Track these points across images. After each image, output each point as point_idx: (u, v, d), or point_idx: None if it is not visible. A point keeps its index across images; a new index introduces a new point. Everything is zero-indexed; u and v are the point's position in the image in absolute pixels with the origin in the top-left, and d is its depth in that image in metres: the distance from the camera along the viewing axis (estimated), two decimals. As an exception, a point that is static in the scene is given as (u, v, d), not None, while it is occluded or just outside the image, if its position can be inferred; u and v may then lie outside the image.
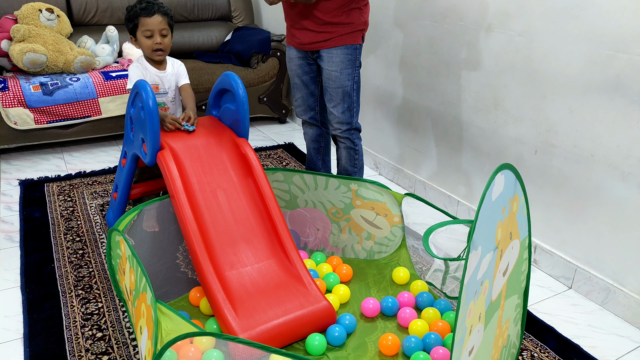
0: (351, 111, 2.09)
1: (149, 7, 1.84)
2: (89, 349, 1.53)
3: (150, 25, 1.83)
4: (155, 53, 1.87)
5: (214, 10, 3.81)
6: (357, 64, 2.05)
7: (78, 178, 2.66)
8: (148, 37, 1.84)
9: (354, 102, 2.08)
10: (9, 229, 2.18)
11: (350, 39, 2.00)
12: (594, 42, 1.72)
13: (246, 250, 1.62)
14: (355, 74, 2.05)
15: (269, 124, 3.71)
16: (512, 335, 1.36)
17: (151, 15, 1.82)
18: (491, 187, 1.02)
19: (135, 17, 1.83)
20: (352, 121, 2.11)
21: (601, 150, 1.76)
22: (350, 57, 2.02)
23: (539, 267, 2.04)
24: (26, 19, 2.91)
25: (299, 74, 2.17)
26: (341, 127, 2.12)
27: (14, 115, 2.75)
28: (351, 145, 2.16)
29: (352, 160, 2.19)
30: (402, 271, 1.85)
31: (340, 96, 2.06)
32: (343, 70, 2.02)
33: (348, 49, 2.01)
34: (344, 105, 2.07)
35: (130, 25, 1.86)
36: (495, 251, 1.09)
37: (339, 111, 2.08)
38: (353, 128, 2.13)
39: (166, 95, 1.97)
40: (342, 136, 2.14)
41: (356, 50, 2.03)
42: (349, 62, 2.02)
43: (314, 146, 2.35)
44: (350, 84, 2.05)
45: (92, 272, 1.89)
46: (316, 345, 1.49)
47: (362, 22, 2.01)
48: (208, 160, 1.73)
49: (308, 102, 2.23)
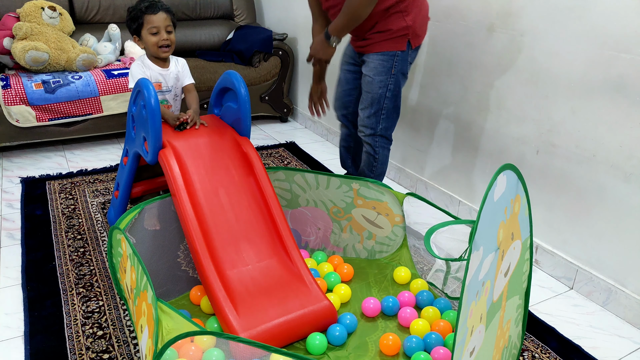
0: (377, 117, 2.03)
1: (153, 5, 1.85)
2: (90, 347, 1.53)
3: (156, 22, 1.84)
4: (161, 50, 1.88)
5: (216, 9, 3.80)
6: (393, 72, 1.96)
7: (79, 176, 2.66)
8: (154, 35, 1.86)
9: (382, 108, 2.02)
10: (10, 227, 2.18)
11: (388, 45, 1.93)
12: (596, 42, 1.72)
13: (247, 249, 1.62)
14: (390, 81, 1.97)
15: (270, 123, 3.71)
16: (513, 336, 1.36)
17: (156, 13, 1.84)
18: (493, 188, 1.02)
19: (139, 15, 1.84)
20: (377, 127, 2.05)
21: (603, 151, 1.75)
22: (385, 64, 1.95)
23: (540, 268, 2.04)
24: (28, 16, 2.91)
25: (344, 70, 2.18)
26: (364, 131, 2.08)
27: (15, 113, 2.75)
28: (371, 151, 2.11)
29: (370, 166, 2.15)
30: (403, 271, 1.85)
31: (369, 101, 2.01)
32: (375, 76, 1.97)
33: (384, 56, 1.94)
34: (371, 110, 2.02)
35: (134, 25, 1.87)
36: (496, 252, 1.08)
37: (364, 114, 2.05)
38: (377, 134, 2.07)
39: (169, 93, 1.97)
40: (364, 140, 2.11)
41: (394, 57, 1.94)
42: (383, 69, 1.95)
43: (343, 144, 2.35)
44: (382, 92, 1.98)
45: (93, 270, 1.89)
46: (317, 344, 1.49)
47: (402, 27, 1.90)
48: (210, 158, 1.73)
49: (343, 100, 2.22)
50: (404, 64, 1.98)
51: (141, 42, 1.90)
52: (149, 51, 1.92)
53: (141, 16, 1.84)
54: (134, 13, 1.86)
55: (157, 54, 1.90)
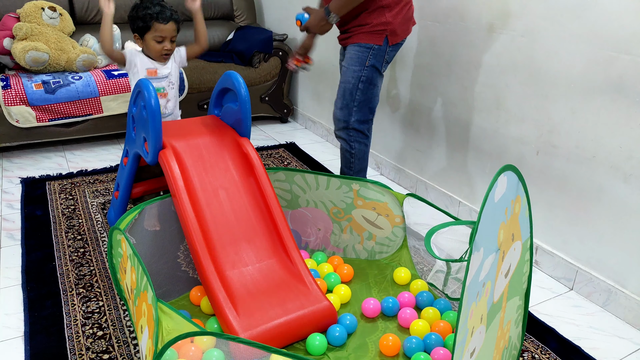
0: (349, 109, 2.06)
1: (164, 12, 1.84)
2: (90, 348, 1.53)
3: (164, 32, 1.86)
4: (162, 57, 1.91)
5: (216, 10, 3.80)
6: (367, 64, 2.00)
7: (79, 176, 2.66)
8: (158, 42, 1.87)
9: (354, 100, 2.05)
10: (11, 227, 2.18)
11: (365, 38, 1.98)
12: (596, 42, 1.72)
13: (247, 250, 1.62)
14: (363, 73, 2.01)
15: (270, 124, 3.71)
16: (513, 337, 1.36)
17: (167, 22, 1.85)
18: (494, 189, 1.02)
19: (149, 20, 1.84)
20: (349, 120, 2.07)
21: (603, 151, 1.75)
22: (360, 55, 2.00)
23: (540, 268, 2.04)
24: (29, 17, 2.91)
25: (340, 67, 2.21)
26: (337, 124, 2.11)
27: (16, 113, 2.75)
28: (346, 147, 2.12)
29: (347, 162, 2.16)
30: (403, 272, 1.85)
31: (342, 92, 2.05)
32: (350, 66, 2.02)
33: (360, 47, 1.99)
34: (343, 101, 2.06)
35: (139, 24, 1.86)
36: (497, 253, 1.09)
37: (337, 106, 2.09)
38: (351, 128, 2.09)
39: (165, 79, 1.96)
40: (337, 134, 2.13)
41: (370, 50, 1.99)
42: (357, 59, 2.00)
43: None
44: (355, 82, 2.02)
45: (93, 271, 1.89)
46: (317, 345, 1.49)
47: (382, 23, 1.95)
48: (210, 159, 1.73)
49: None
50: (379, 59, 2.01)
51: (141, 41, 1.90)
52: (147, 53, 1.92)
53: (150, 21, 1.84)
54: (142, 14, 1.85)
55: (157, 59, 1.92)
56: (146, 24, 1.84)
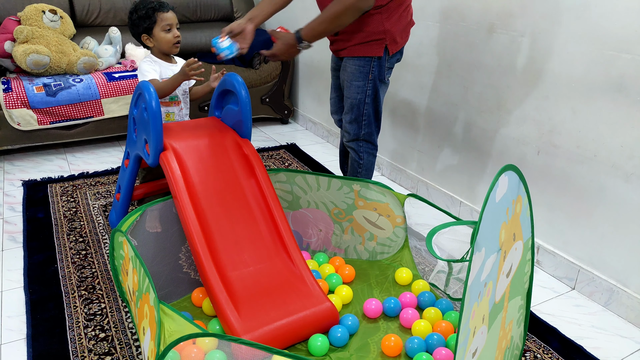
0: (359, 123, 2.00)
1: (163, 3, 1.95)
2: (92, 350, 1.53)
3: (169, 20, 1.94)
4: (175, 46, 1.97)
5: (217, 11, 3.81)
6: (370, 77, 1.89)
7: (81, 179, 2.67)
8: (168, 31, 1.94)
9: (362, 114, 1.97)
10: (12, 230, 2.18)
11: (364, 50, 1.86)
12: (597, 42, 1.72)
13: (249, 251, 1.62)
14: (368, 87, 1.90)
15: (271, 125, 3.71)
16: (515, 337, 1.36)
17: (168, 11, 1.94)
18: (495, 189, 1.02)
19: (151, 14, 1.91)
20: (359, 133, 2.02)
21: (604, 151, 1.75)
22: (362, 69, 1.89)
23: (541, 268, 2.04)
24: (29, 20, 2.92)
25: (333, 76, 2.13)
26: (347, 136, 2.06)
27: (17, 116, 2.75)
28: (355, 157, 2.08)
29: (354, 172, 2.12)
30: (404, 272, 1.85)
31: (349, 106, 1.98)
32: (353, 82, 1.92)
33: (361, 60, 1.87)
34: (352, 115, 1.99)
35: (145, 24, 1.93)
36: (498, 252, 1.09)
37: (346, 119, 2.02)
38: (361, 139, 2.03)
39: (178, 89, 2.00)
40: (348, 145, 2.09)
41: (371, 62, 1.87)
42: (360, 74, 1.90)
43: (340, 148, 2.32)
44: (361, 97, 1.93)
45: (95, 273, 1.89)
46: (319, 346, 1.49)
47: (380, 31, 1.82)
48: (211, 161, 1.73)
49: (337, 105, 2.20)
50: (382, 69, 1.90)
51: (151, 40, 1.95)
52: (160, 48, 1.97)
53: (153, 14, 1.91)
54: (144, 12, 1.92)
55: (170, 51, 1.99)
56: (151, 18, 1.91)
